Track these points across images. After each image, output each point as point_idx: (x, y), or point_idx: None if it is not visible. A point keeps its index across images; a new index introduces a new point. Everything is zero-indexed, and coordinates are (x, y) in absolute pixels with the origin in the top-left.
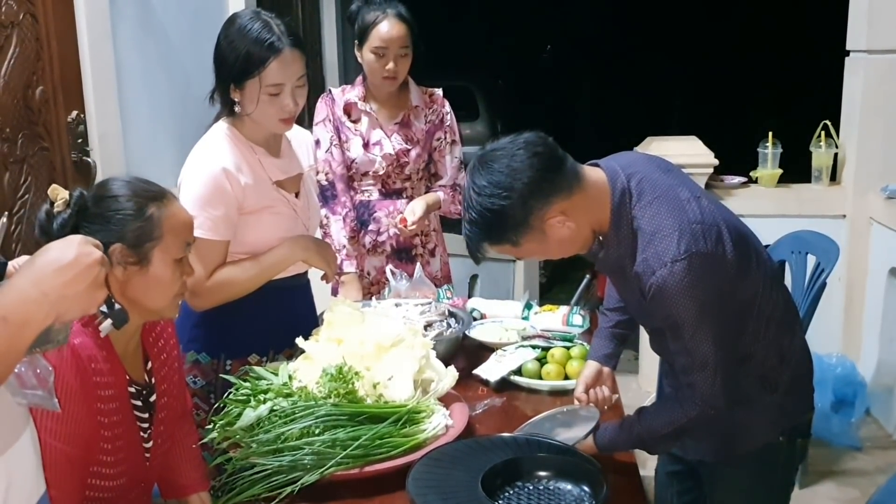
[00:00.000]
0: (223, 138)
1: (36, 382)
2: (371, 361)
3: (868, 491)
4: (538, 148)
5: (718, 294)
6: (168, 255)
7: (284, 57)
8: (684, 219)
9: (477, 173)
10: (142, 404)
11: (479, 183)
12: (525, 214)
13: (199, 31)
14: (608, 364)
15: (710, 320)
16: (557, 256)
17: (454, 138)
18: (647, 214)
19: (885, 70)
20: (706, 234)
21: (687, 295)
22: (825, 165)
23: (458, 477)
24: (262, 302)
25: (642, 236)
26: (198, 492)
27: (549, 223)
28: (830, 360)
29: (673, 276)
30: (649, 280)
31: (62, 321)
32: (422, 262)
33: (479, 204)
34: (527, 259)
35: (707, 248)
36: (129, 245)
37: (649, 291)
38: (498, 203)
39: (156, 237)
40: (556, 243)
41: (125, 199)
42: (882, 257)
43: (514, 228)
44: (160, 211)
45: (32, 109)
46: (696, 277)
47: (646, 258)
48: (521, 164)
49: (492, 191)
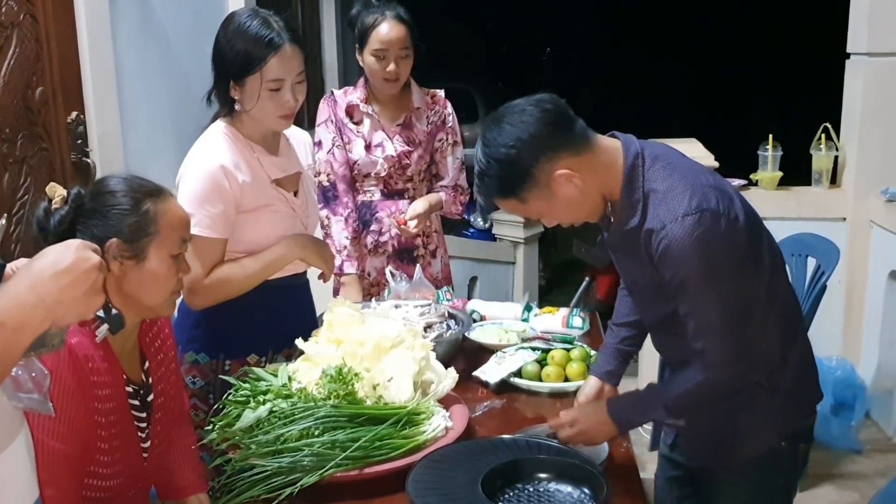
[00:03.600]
0: (221, 137)
1: (32, 386)
2: (371, 363)
3: (868, 494)
4: (548, 105)
5: (729, 257)
6: (164, 250)
7: (284, 52)
8: (698, 181)
9: (488, 128)
10: (139, 404)
11: (489, 136)
12: (532, 165)
13: (199, 32)
14: (610, 381)
15: (718, 283)
16: (566, 221)
17: (456, 139)
18: (660, 177)
19: (885, 73)
20: (720, 197)
21: (696, 251)
22: (825, 168)
23: (458, 479)
24: (261, 302)
25: (654, 196)
26: (196, 493)
27: (556, 178)
28: (830, 362)
29: (683, 230)
30: (659, 235)
31: (59, 326)
32: (423, 264)
33: (488, 155)
34: (535, 219)
35: (720, 209)
36: (125, 240)
37: (658, 247)
38: (505, 153)
39: (152, 232)
40: (563, 203)
41: (122, 194)
42: (882, 260)
43: (521, 180)
44: (156, 206)
45: (32, 110)
46: (706, 234)
47: (657, 213)
48: (530, 117)
49: (501, 141)
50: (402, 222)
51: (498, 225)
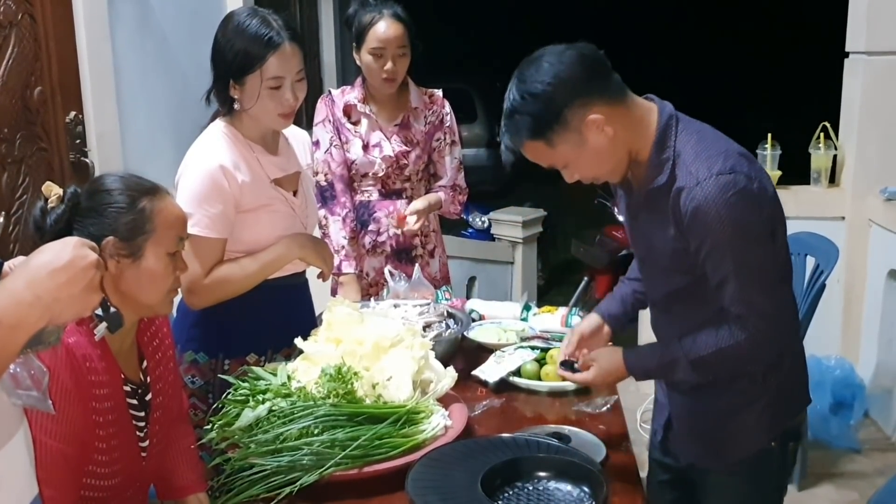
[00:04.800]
0: (221, 136)
1: (31, 383)
2: (370, 362)
3: (867, 493)
4: (587, 51)
5: (760, 221)
6: (161, 248)
7: (284, 51)
8: (731, 148)
9: (525, 65)
10: (137, 403)
11: (525, 72)
12: (565, 106)
13: (198, 32)
14: (611, 323)
15: (755, 243)
16: (589, 174)
17: (454, 139)
18: (693, 140)
19: (884, 72)
20: (751, 165)
21: (730, 210)
22: (824, 167)
23: (458, 477)
24: (260, 301)
25: (686, 156)
26: (195, 493)
27: (587, 123)
28: (829, 362)
29: (717, 188)
30: (691, 192)
31: (56, 323)
32: (421, 264)
33: (523, 90)
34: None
35: (753, 174)
36: (121, 238)
37: (689, 205)
38: (542, 89)
39: (148, 230)
40: (591, 152)
41: (118, 192)
42: (881, 259)
43: (553, 121)
44: (152, 204)
45: (31, 110)
46: (740, 194)
47: (689, 171)
48: (569, 59)
49: (538, 77)
50: (402, 218)
51: (496, 225)
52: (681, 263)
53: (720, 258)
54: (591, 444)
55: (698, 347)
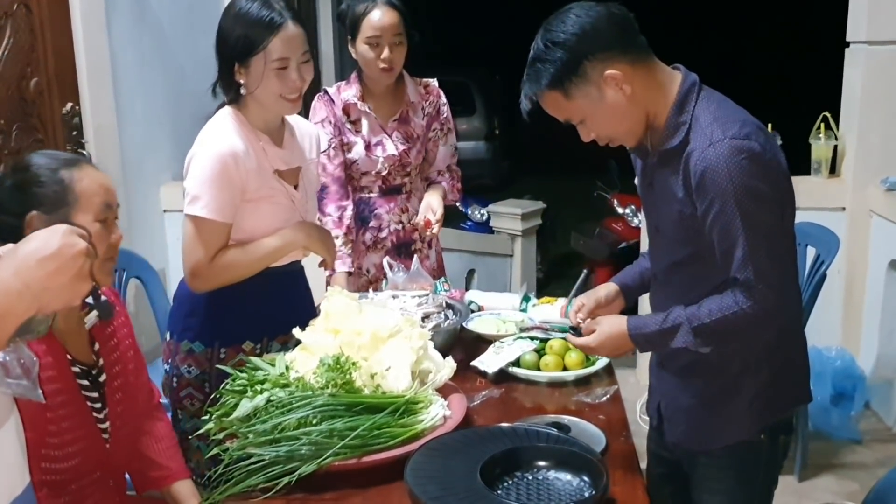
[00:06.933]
0: (230, 122)
1: (20, 372)
2: (368, 352)
3: (868, 484)
4: (615, 10)
5: (770, 188)
6: (88, 216)
7: (287, 30)
8: (750, 119)
9: (553, 17)
10: (90, 384)
11: (552, 23)
12: (586, 57)
13: (194, 23)
14: (627, 295)
15: (765, 208)
16: (604, 132)
17: (449, 127)
18: (712, 108)
19: (885, 61)
20: (768, 139)
21: (739, 171)
22: (825, 158)
23: (457, 467)
24: (255, 289)
25: (703, 120)
26: (177, 481)
27: (606, 78)
28: (830, 353)
29: (730, 150)
30: (704, 152)
31: (45, 313)
32: (420, 257)
33: (547, 39)
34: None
35: (767, 146)
36: (45, 211)
37: (699, 165)
38: (565, 38)
39: (70, 201)
40: (608, 109)
41: (36, 167)
42: (882, 250)
43: (572, 71)
44: (71, 174)
45: (27, 101)
46: (752, 159)
47: (704, 133)
48: (597, 13)
49: (563, 28)
50: (428, 224)
51: (496, 217)
52: (686, 231)
53: (729, 221)
54: (590, 433)
55: (702, 313)
